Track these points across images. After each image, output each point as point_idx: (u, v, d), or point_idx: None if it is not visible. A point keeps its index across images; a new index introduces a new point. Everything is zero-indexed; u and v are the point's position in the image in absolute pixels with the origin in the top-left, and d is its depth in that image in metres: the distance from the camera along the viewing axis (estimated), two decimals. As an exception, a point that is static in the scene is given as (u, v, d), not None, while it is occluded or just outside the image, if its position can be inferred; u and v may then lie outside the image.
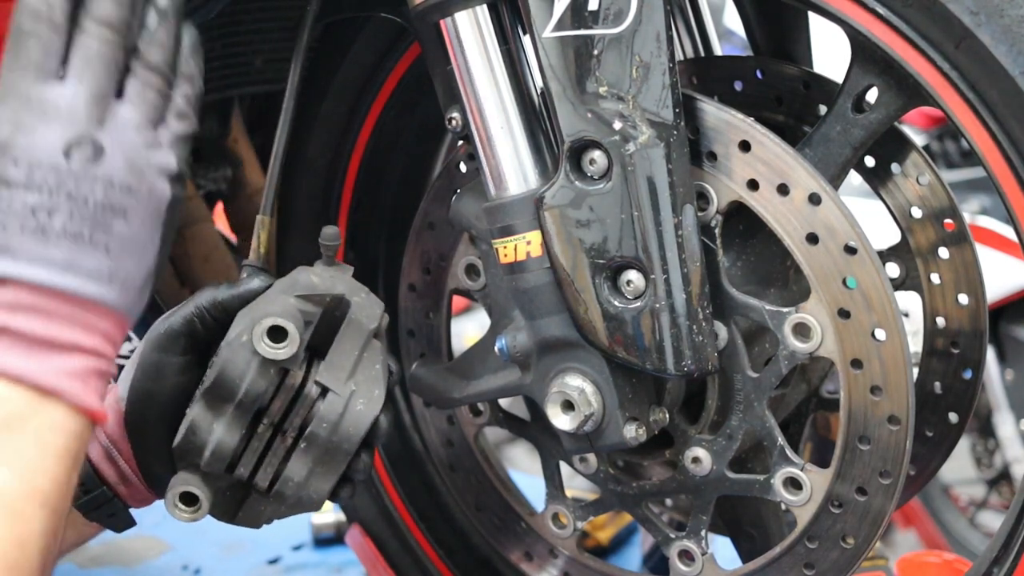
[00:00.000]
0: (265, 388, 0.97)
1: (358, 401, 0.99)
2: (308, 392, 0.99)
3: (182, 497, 0.98)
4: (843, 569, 1.05)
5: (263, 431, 0.99)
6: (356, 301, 1.02)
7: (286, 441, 1.00)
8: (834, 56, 1.21)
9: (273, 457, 1.00)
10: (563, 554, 1.27)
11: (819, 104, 1.11)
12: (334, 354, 1.00)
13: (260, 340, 0.94)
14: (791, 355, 1.01)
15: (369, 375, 1.00)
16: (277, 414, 0.99)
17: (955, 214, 1.13)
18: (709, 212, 1.02)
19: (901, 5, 0.91)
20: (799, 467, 1.04)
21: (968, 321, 1.15)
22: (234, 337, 0.96)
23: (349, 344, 1.01)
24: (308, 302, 0.99)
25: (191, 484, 0.98)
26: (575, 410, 1.02)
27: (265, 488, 1.01)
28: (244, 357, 0.95)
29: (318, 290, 1.00)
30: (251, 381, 0.96)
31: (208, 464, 0.97)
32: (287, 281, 1.01)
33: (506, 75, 1.01)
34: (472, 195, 1.12)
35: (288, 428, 1.00)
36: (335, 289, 1.00)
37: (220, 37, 1.43)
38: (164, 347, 1.01)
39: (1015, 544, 1.00)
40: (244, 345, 0.95)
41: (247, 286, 1.01)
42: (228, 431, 0.97)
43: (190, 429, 0.97)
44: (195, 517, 0.99)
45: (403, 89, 1.31)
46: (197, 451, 0.97)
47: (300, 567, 1.91)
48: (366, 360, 1.01)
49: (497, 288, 1.11)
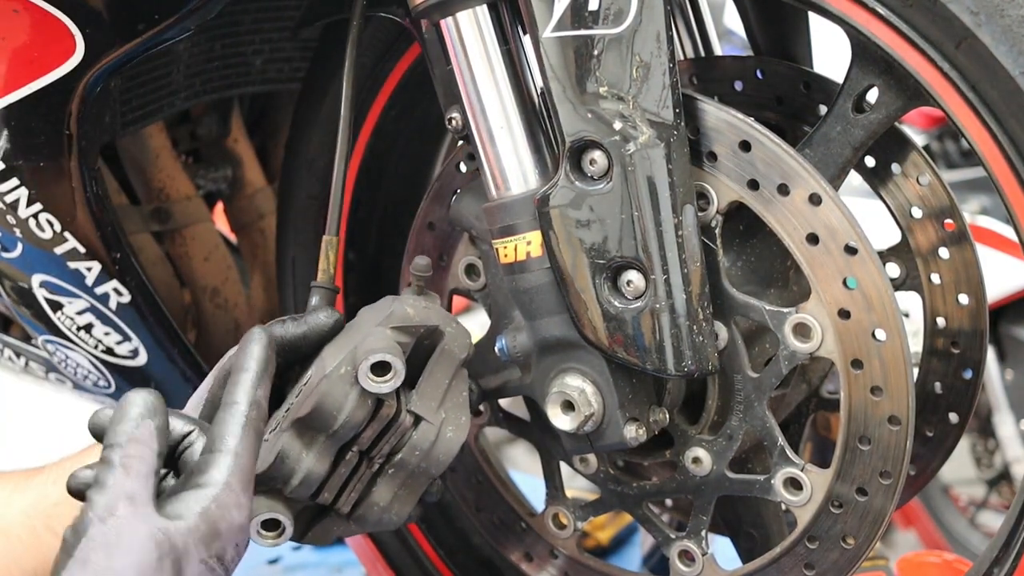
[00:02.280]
0: (362, 419, 0.98)
1: (448, 428, 1.01)
2: (402, 421, 1.00)
3: (265, 524, 0.98)
4: (843, 569, 1.05)
5: (350, 458, 1.00)
6: (449, 332, 1.04)
7: (372, 467, 1.01)
8: (834, 56, 1.21)
9: (358, 483, 1.01)
10: (563, 554, 1.26)
11: (819, 104, 1.11)
12: (426, 384, 1.02)
13: (365, 376, 0.95)
14: (791, 355, 1.01)
15: (457, 402, 1.03)
16: (367, 442, 1.00)
17: (955, 214, 1.13)
18: (709, 212, 1.02)
19: (901, 5, 0.91)
20: (799, 467, 1.04)
21: (968, 321, 1.15)
22: (332, 369, 0.96)
23: (441, 374, 1.02)
24: (403, 333, 1.00)
25: (276, 511, 0.97)
26: (575, 410, 1.02)
27: (347, 512, 1.02)
28: (343, 390, 0.96)
29: (413, 321, 1.01)
30: (349, 413, 0.96)
31: (294, 492, 0.98)
32: (381, 311, 1.02)
33: (506, 75, 1.01)
34: (472, 195, 1.12)
35: (376, 455, 1.01)
36: (430, 321, 1.02)
37: (220, 37, 1.43)
38: None
39: (1015, 544, 1.00)
40: (343, 377, 0.96)
41: (313, 324, 1.02)
42: (319, 460, 0.97)
43: (279, 457, 0.96)
44: (278, 543, 0.98)
45: (403, 89, 1.31)
46: (283, 478, 0.97)
47: (300, 567, 1.91)
48: (454, 388, 1.03)
49: (497, 288, 1.11)
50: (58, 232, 1.24)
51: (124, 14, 1.09)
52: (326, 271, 1.09)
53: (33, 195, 1.21)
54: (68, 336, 1.37)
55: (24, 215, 1.22)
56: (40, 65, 1.11)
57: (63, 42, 1.09)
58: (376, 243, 1.44)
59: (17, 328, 1.58)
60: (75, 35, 1.09)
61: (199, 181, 1.63)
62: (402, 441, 1.00)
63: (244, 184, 1.68)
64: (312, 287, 1.08)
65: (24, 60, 1.11)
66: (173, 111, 1.45)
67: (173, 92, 1.42)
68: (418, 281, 1.06)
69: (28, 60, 1.11)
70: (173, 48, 1.36)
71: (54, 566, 0.82)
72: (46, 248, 1.25)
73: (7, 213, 1.22)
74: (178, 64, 1.39)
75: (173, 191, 1.55)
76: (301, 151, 1.38)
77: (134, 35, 1.10)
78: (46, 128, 1.16)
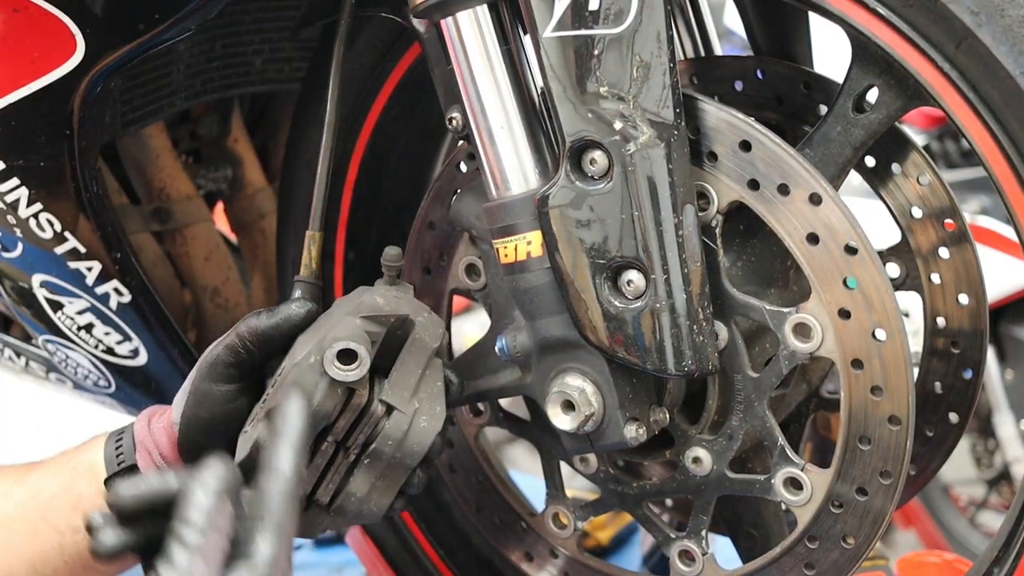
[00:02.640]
0: (333, 408, 0.98)
1: (421, 418, 1.01)
2: (374, 410, 1.00)
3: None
4: (843, 569, 1.05)
5: (326, 448, 1.00)
6: (419, 321, 1.03)
7: (348, 457, 1.01)
8: (834, 56, 1.21)
9: (335, 474, 1.01)
10: (563, 554, 1.26)
11: (819, 104, 1.11)
12: (398, 373, 1.01)
13: (331, 363, 0.96)
14: (791, 355, 1.01)
15: (431, 392, 1.02)
16: (341, 432, 1.00)
17: (955, 214, 1.13)
18: (710, 212, 1.02)
19: (902, 5, 0.91)
20: (799, 467, 1.04)
21: (968, 321, 1.15)
22: (302, 358, 0.97)
23: (412, 363, 1.02)
24: (373, 323, 1.00)
25: None
26: (575, 410, 1.02)
27: (326, 503, 1.02)
28: (312, 379, 0.96)
29: (383, 311, 1.01)
30: (320, 402, 0.96)
31: None
32: (351, 301, 1.02)
33: (506, 75, 1.01)
34: (472, 195, 1.12)
35: (351, 445, 1.01)
36: (400, 310, 1.02)
37: (220, 37, 1.43)
38: (212, 376, 1.03)
39: (1015, 544, 1.00)
40: (312, 367, 0.96)
41: (285, 314, 1.03)
42: None
43: (255, 447, 0.97)
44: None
45: (403, 89, 1.31)
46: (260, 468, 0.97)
47: (300, 567, 1.91)
48: (428, 377, 1.03)
49: (497, 288, 1.11)
50: (58, 232, 1.24)
51: (124, 14, 1.09)
52: (307, 265, 1.10)
53: (33, 195, 1.21)
54: (68, 336, 1.37)
55: (24, 215, 1.22)
56: (40, 65, 1.11)
57: (63, 42, 1.09)
58: (376, 243, 1.44)
59: (17, 328, 1.58)
60: (75, 35, 1.09)
61: (199, 181, 1.63)
62: (375, 431, 1.00)
63: (244, 184, 1.67)
64: (295, 281, 1.08)
65: (24, 60, 1.11)
66: (173, 111, 1.45)
67: (173, 92, 1.42)
68: (390, 271, 1.06)
69: (28, 60, 1.11)
70: (173, 48, 1.36)
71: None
72: (46, 248, 1.25)
73: (7, 213, 1.22)
74: (178, 64, 1.39)
75: (173, 191, 1.55)
76: (301, 151, 1.38)
77: (134, 35, 1.10)
78: (46, 128, 1.16)
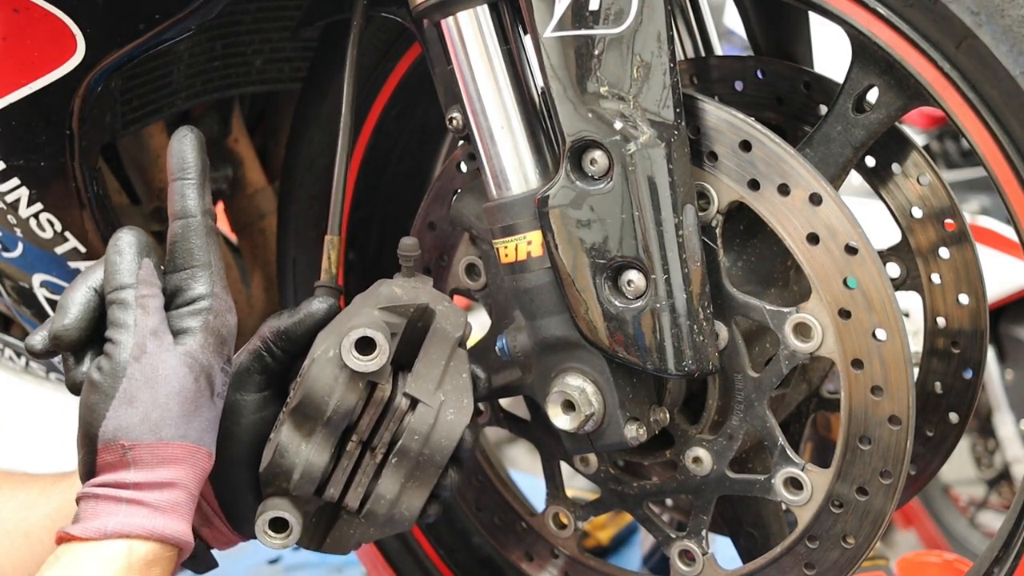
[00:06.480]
0: (354, 403, 0.94)
1: (448, 411, 0.97)
2: (398, 405, 0.96)
3: (272, 523, 0.95)
4: (843, 569, 1.05)
5: (352, 449, 0.96)
6: (440, 310, 0.99)
7: (376, 457, 0.97)
8: (834, 56, 1.21)
9: (363, 476, 0.97)
10: (563, 554, 1.27)
11: (820, 104, 1.11)
12: (421, 365, 0.98)
13: (349, 353, 0.92)
14: (792, 355, 1.01)
15: (457, 384, 0.98)
16: (366, 430, 0.96)
17: (955, 214, 1.13)
18: (710, 212, 1.02)
19: (902, 5, 0.91)
20: (800, 467, 1.04)
21: (968, 321, 1.15)
22: (320, 353, 0.93)
23: (436, 354, 0.98)
24: (393, 314, 0.97)
25: (281, 509, 0.95)
26: (576, 410, 1.02)
27: (356, 509, 0.98)
28: (331, 373, 0.93)
29: (402, 301, 0.97)
30: (340, 397, 0.93)
31: (297, 487, 0.95)
32: (369, 295, 0.99)
33: (507, 75, 1.01)
34: (473, 195, 1.12)
35: (378, 444, 0.97)
36: (419, 299, 0.98)
37: (220, 37, 1.43)
38: (238, 386, 1.00)
39: (1015, 544, 1.00)
40: (331, 360, 0.93)
41: (307, 310, 1.01)
42: (318, 451, 0.94)
43: (278, 452, 0.94)
44: (286, 543, 0.96)
45: (404, 89, 1.31)
46: (285, 475, 0.94)
47: (300, 567, 1.91)
48: (453, 369, 0.99)
49: (498, 288, 1.11)
50: (59, 232, 1.24)
51: (125, 14, 1.09)
52: (328, 270, 1.09)
53: (34, 195, 1.21)
54: (68, 336, 1.37)
55: (25, 215, 1.22)
56: (41, 65, 1.11)
57: (64, 42, 1.09)
58: (377, 243, 1.44)
59: (17, 328, 1.58)
60: (76, 35, 1.09)
61: (199, 181, 1.63)
62: (401, 427, 0.96)
63: (245, 184, 1.67)
64: (316, 287, 1.07)
65: (25, 60, 1.11)
66: (174, 111, 1.45)
67: (174, 92, 1.42)
68: (406, 262, 1.03)
69: (29, 60, 1.11)
70: (174, 48, 1.36)
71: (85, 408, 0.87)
72: (47, 248, 1.25)
73: (8, 213, 1.22)
74: (179, 64, 1.39)
75: (173, 191, 1.55)
76: (301, 151, 1.39)
77: (135, 35, 1.10)
78: (47, 128, 1.16)
